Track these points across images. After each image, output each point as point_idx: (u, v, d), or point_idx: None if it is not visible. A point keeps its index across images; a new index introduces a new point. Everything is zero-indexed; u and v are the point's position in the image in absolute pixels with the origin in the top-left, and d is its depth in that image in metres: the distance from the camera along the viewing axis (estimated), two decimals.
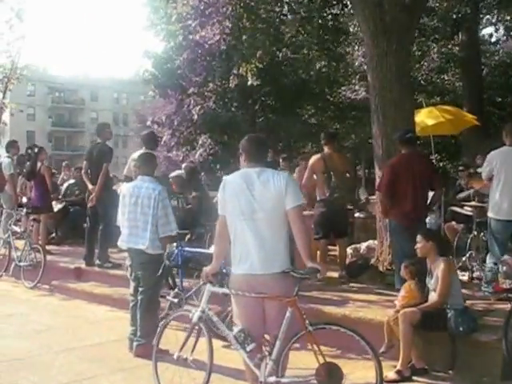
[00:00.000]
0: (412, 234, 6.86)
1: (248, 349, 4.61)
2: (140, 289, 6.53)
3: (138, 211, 6.46)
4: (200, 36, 13.97)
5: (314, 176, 8.62)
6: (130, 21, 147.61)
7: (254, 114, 20.43)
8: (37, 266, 10.23)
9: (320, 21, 14.24)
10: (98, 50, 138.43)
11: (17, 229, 11.25)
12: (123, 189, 6.78)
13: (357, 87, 25.39)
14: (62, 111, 74.08)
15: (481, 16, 20.72)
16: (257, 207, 4.57)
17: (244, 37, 14.59)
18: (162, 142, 21.35)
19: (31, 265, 10.30)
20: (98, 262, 9.78)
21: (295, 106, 21.70)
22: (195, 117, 18.46)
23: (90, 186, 9.75)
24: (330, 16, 14.80)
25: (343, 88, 25.48)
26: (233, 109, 19.90)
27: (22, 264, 10.46)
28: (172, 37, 14.54)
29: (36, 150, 11.51)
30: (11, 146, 12.34)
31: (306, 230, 4.81)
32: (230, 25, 13.75)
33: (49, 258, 10.39)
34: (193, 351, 4.94)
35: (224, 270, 5.52)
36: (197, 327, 5.01)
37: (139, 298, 6.52)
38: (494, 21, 22.89)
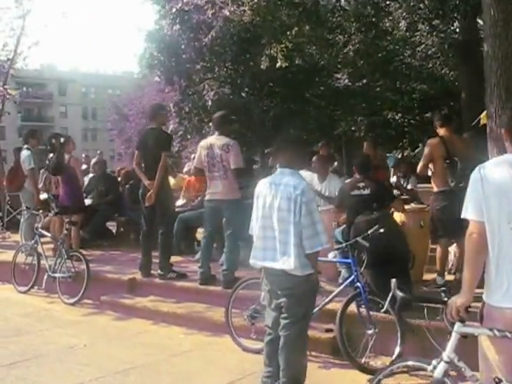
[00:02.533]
0: None
1: None
2: (283, 321, 4.62)
3: (274, 217, 4.55)
4: (230, 11, 11.97)
5: (430, 165, 6.90)
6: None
7: (264, 101, 18.52)
8: (77, 277, 8.21)
9: None
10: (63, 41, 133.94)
11: (46, 233, 9.16)
12: (258, 186, 4.85)
13: (339, 75, 23.70)
14: (30, 106, 70.71)
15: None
16: None
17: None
18: (169, 131, 19.27)
19: (70, 276, 8.26)
20: (159, 272, 7.80)
21: (304, 93, 19.83)
22: (209, 103, 16.43)
23: (146, 182, 7.76)
24: None
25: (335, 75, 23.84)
26: (243, 94, 17.88)
27: (57, 275, 8.42)
28: (200, 12, 12.58)
29: (62, 139, 9.45)
30: (31, 135, 10.20)
31: None
32: None
33: None
34: None
35: None
36: None
37: (283, 333, 4.61)
38: None
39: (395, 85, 23.92)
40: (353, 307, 5.64)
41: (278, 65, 13.01)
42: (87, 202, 10.74)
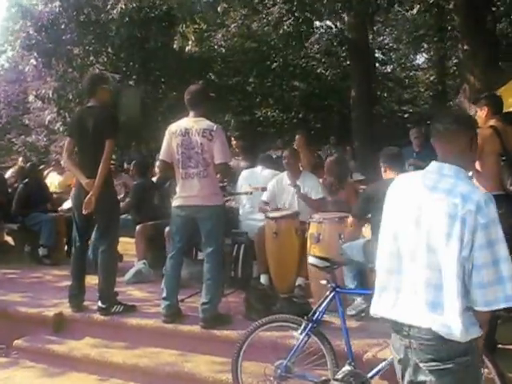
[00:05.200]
0: None
1: None
2: None
3: (419, 241, 2.56)
4: None
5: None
6: None
7: (153, 90, 16.02)
8: None
9: None
10: None
11: None
12: (392, 185, 2.82)
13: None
14: None
15: None
16: None
17: None
18: (47, 122, 16.14)
19: None
20: (99, 304, 5.43)
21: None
22: None
23: (83, 181, 5.37)
24: None
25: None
26: (130, 82, 15.30)
27: None
28: None
29: None
30: None
31: None
32: None
33: None
34: None
35: None
36: None
37: None
38: None
39: (275, 82, 22.59)
40: None
41: (189, 48, 10.90)
42: None
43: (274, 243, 6.11)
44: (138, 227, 7.01)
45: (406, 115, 24.75)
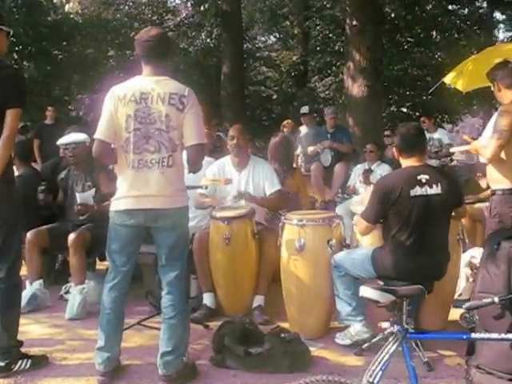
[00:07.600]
0: None
1: None
2: None
3: None
4: None
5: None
6: None
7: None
8: None
9: None
10: None
11: None
12: None
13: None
14: None
15: None
16: None
17: None
18: None
19: None
20: None
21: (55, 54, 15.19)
22: None
23: None
24: None
25: None
26: None
27: None
28: None
29: None
30: None
31: None
32: None
33: None
34: None
35: None
36: None
37: None
38: None
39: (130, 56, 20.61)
40: None
41: (69, 7, 8.91)
42: None
43: (225, 252, 4.62)
44: (28, 234, 5.05)
45: (274, 96, 23.93)
